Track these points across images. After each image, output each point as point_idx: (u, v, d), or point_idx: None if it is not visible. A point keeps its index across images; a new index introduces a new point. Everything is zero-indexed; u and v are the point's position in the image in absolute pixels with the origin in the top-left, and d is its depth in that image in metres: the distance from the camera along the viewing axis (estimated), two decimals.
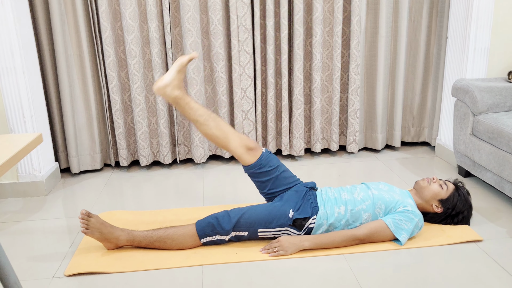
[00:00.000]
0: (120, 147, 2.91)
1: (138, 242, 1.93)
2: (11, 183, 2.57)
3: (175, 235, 1.92)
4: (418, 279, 1.71)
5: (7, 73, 2.41)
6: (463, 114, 2.56)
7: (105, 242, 1.93)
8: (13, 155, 1.05)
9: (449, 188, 2.07)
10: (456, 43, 2.77)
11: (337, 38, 2.88)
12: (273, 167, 2.04)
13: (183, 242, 1.93)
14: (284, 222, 1.93)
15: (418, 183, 2.13)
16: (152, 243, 1.93)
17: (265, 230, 1.94)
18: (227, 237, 1.94)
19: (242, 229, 1.93)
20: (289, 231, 1.95)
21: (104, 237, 1.91)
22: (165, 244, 1.92)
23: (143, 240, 1.92)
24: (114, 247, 1.95)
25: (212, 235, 1.93)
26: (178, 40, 2.84)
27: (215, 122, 2.00)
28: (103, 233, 1.90)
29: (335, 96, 3.00)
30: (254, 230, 1.94)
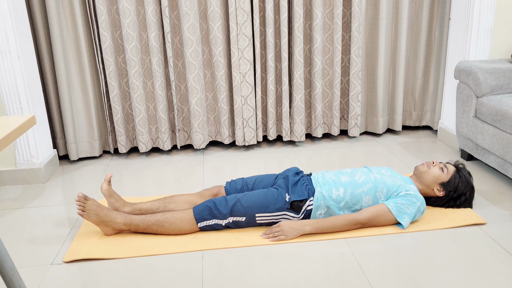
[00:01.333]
0: (118, 134, 2.88)
1: (136, 225, 1.91)
2: (9, 170, 2.55)
3: (172, 218, 1.90)
4: (421, 263, 1.69)
5: (2, 57, 2.37)
6: (466, 97, 2.52)
7: (102, 226, 1.91)
8: (5, 135, 1.02)
9: (449, 171, 2.05)
10: (459, 24, 2.72)
11: (337, 20, 2.84)
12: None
13: (181, 226, 1.91)
14: (281, 206, 1.91)
15: (418, 168, 2.10)
16: (149, 227, 1.91)
17: (263, 215, 1.92)
18: (224, 222, 1.92)
19: (240, 214, 1.91)
20: (287, 215, 1.92)
21: (101, 220, 1.89)
22: (162, 228, 1.90)
23: (140, 223, 1.90)
24: (112, 232, 1.93)
25: (209, 219, 1.91)
26: (177, 24, 2.79)
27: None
28: (99, 216, 1.88)
29: (336, 80, 2.95)
30: (251, 215, 1.92)
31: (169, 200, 2.06)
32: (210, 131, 3.04)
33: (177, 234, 1.92)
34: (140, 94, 2.81)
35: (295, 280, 1.61)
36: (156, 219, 1.91)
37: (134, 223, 1.91)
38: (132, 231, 1.94)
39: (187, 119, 2.99)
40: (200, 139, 2.94)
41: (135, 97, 2.80)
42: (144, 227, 1.91)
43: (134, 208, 2.02)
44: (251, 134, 2.96)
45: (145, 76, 2.85)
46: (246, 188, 2.08)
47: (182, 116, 2.98)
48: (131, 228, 1.92)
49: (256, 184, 2.09)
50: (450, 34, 2.83)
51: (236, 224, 1.94)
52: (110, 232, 1.93)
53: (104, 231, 1.93)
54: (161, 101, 2.83)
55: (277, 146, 3.07)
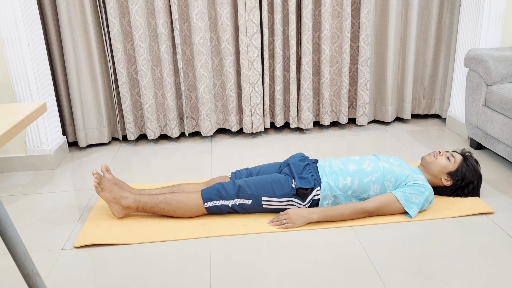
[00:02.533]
0: (127, 121, 2.89)
1: (144, 202, 1.94)
2: (19, 156, 2.58)
3: (180, 196, 1.94)
4: (428, 252, 1.70)
5: (12, 44, 2.38)
6: (475, 85, 2.50)
7: (113, 204, 1.95)
8: (17, 122, 1.03)
9: (456, 160, 2.04)
10: (470, 11, 2.68)
11: (346, 7, 2.81)
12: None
13: (188, 205, 1.93)
14: (287, 191, 1.92)
15: (425, 158, 2.10)
16: (157, 205, 1.93)
17: (269, 199, 1.93)
18: (231, 203, 1.93)
19: (246, 196, 1.92)
20: (293, 202, 1.93)
21: (113, 197, 1.94)
22: (170, 206, 1.93)
23: (148, 200, 1.94)
24: (121, 212, 1.96)
25: (216, 200, 1.93)
26: (185, 11, 2.79)
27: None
28: (112, 193, 1.94)
29: (345, 68, 2.94)
30: (258, 198, 1.92)
31: (177, 188, 2.08)
32: (218, 118, 3.04)
33: (183, 215, 1.94)
34: (148, 81, 2.81)
35: (302, 268, 1.63)
36: (164, 197, 1.94)
37: (143, 200, 1.94)
38: (140, 210, 1.96)
39: (195, 106, 2.99)
40: (208, 127, 2.94)
41: (143, 84, 2.81)
42: (152, 204, 1.94)
43: (141, 194, 2.04)
44: (259, 121, 2.96)
45: (154, 63, 2.85)
46: (250, 177, 2.09)
47: (190, 104, 2.99)
48: (139, 206, 1.94)
49: (261, 173, 2.10)
50: (460, 21, 2.79)
51: (242, 207, 1.95)
52: (119, 211, 1.96)
53: (113, 210, 1.95)
54: (169, 88, 2.83)
55: (284, 133, 3.07)
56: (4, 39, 2.37)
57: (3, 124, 1.02)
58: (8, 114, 1.10)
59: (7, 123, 1.02)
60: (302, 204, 1.94)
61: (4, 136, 0.97)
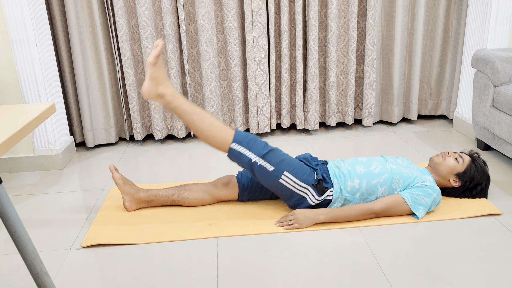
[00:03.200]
0: (134, 121, 2.91)
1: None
2: (27, 156, 2.60)
3: (212, 124, 1.86)
4: (435, 253, 1.70)
5: (20, 45, 2.40)
6: (483, 86, 2.49)
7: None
8: (26, 123, 1.04)
9: (465, 161, 2.03)
10: (477, 11, 2.67)
11: (353, 8, 2.81)
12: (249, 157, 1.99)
13: (216, 134, 1.85)
14: (309, 179, 1.91)
15: (433, 159, 2.09)
16: (188, 113, 1.86)
17: (290, 176, 1.89)
18: (254, 159, 1.86)
19: (272, 162, 1.88)
20: (309, 192, 1.91)
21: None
22: (201, 123, 1.85)
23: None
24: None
25: (244, 146, 1.87)
26: (191, 12, 2.80)
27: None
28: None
29: (351, 68, 2.94)
30: (281, 170, 1.88)
31: (184, 188, 2.08)
32: (224, 119, 3.05)
33: (209, 142, 1.87)
34: None
35: (308, 268, 1.63)
36: (197, 113, 1.85)
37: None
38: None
39: (201, 106, 3.00)
40: None
41: None
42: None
43: (149, 194, 2.06)
44: (265, 122, 2.96)
45: None
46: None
47: (197, 104, 3.00)
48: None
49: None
50: (467, 22, 2.78)
51: (260, 170, 1.88)
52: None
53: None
54: (176, 89, 2.84)
55: (290, 134, 3.07)
56: (12, 40, 2.39)
57: (12, 125, 1.03)
58: (17, 115, 1.11)
59: (17, 124, 1.03)
60: (315, 198, 1.92)
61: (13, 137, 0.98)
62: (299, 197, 1.93)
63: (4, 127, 1.01)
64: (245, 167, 1.92)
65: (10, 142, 0.97)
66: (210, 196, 2.08)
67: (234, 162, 1.93)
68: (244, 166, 1.91)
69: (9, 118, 1.09)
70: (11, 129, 1.00)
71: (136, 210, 2.07)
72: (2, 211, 1.11)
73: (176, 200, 2.07)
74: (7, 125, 1.03)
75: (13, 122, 1.05)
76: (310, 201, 1.93)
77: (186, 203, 2.07)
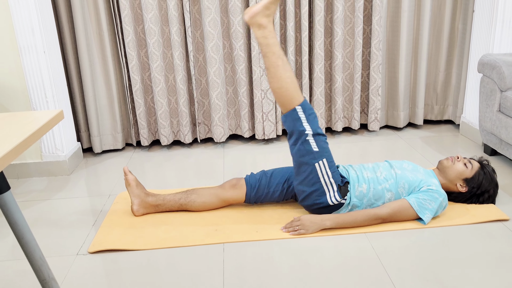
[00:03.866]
0: (141, 127, 2.92)
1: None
2: (35, 162, 2.62)
3: (291, 78, 1.88)
4: (442, 259, 1.69)
5: (28, 51, 2.43)
6: (489, 91, 2.49)
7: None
8: (35, 130, 1.05)
9: (474, 167, 2.02)
10: (483, 16, 2.67)
11: (358, 14, 2.81)
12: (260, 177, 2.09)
13: (289, 90, 1.88)
14: (337, 178, 1.92)
15: (442, 162, 2.08)
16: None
17: (325, 165, 1.90)
18: (308, 131, 1.88)
19: (318, 144, 1.90)
20: (332, 189, 1.91)
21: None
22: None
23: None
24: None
25: (305, 114, 1.89)
26: (198, 19, 2.81)
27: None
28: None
29: (357, 74, 2.94)
30: (322, 155, 1.90)
31: (191, 192, 2.09)
32: (230, 124, 3.06)
33: (279, 92, 1.88)
34: (162, 88, 2.84)
35: (315, 274, 1.63)
36: (284, 60, 1.87)
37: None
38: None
39: (207, 112, 3.01)
40: (221, 133, 2.96)
41: (157, 90, 2.84)
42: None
43: (157, 198, 2.07)
44: (271, 127, 2.97)
45: (167, 70, 2.88)
46: (264, 176, 2.08)
47: (203, 110, 3.01)
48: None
49: (274, 174, 2.09)
50: (473, 27, 2.78)
51: (303, 145, 1.88)
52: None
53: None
54: (182, 95, 2.86)
55: None
56: (21, 47, 2.41)
57: (21, 132, 1.04)
58: (26, 122, 1.12)
59: (25, 131, 1.04)
60: (335, 198, 1.91)
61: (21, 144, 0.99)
62: (320, 190, 1.92)
63: (12, 134, 1.03)
64: (291, 134, 1.92)
65: (19, 149, 0.98)
66: (217, 198, 2.08)
67: (286, 124, 1.92)
68: (292, 133, 1.91)
69: (18, 125, 1.10)
70: (19, 136, 1.01)
71: (142, 215, 2.08)
72: (10, 217, 1.13)
73: (183, 204, 2.07)
74: (15, 132, 1.04)
75: (21, 129, 1.06)
76: (329, 199, 1.92)
77: (193, 206, 2.07)
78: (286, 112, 1.91)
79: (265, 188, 2.06)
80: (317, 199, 1.93)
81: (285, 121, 1.93)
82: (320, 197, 1.92)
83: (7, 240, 1.96)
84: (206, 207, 2.08)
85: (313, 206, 1.95)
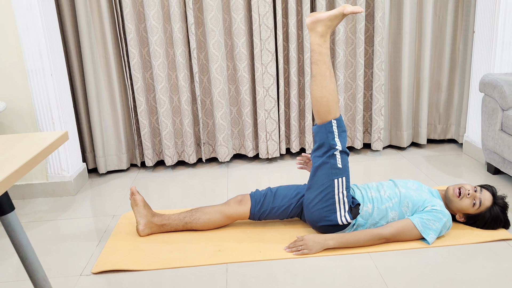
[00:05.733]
0: (145, 148, 2.95)
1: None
2: (41, 183, 2.64)
3: (335, 91, 1.92)
4: (446, 279, 1.68)
5: (36, 75, 2.47)
6: (491, 110, 2.50)
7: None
8: (40, 151, 1.07)
9: (481, 207, 1.95)
10: (484, 37, 2.70)
11: (360, 35, 2.85)
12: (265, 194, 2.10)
13: (330, 101, 1.91)
14: (350, 199, 1.93)
15: (449, 191, 2.00)
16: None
17: (344, 184, 1.91)
18: (338, 146, 1.90)
19: (343, 161, 1.92)
20: (343, 209, 1.91)
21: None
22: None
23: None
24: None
25: (338, 130, 1.92)
26: (202, 41, 2.86)
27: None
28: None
29: (359, 94, 2.96)
30: (343, 173, 1.91)
31: (196, 210, 2.10)
32: (234, 144, 3.08)
33: (320, 101, 1.91)
34: (166, 109, 2.88)
35: None
36: (331, 72, 1.92)
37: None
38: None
39: (212, 132, 3.04)
40: (225, 152, 2.98)
41: (161, 111, 2.87)
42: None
43: (162, 218, 2.07)
44: (274, 147, 2.99)
45: (172, 91, 2.92)
46: (270, 192, 2.08)
47: (207, 130, 3.04)
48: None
49: (278, 191, 2.09)
50: (474, 47, 2.81)
51: (329, 159, 1.90)
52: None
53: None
54: (187, 116, 2.89)
55: None
56: (29, 70, 2.46)
57: (26, 152, 1.06)
58: (31, 143, 1.15)
59: (31, 151, 1.07)
60: (345, 218, 1.91)
61: (26, 164, 1.01)
62: (332, 207, 1.92)
63: (17, 155, 1.05)
64: (321, 146, 1.93)
65: (24, 169, 1.00)
66: (221, 215, 2.08)
67: (317, 135, 1.93)
68: (322, 145, 1.92)
69: (23, 146, 1.13)
70: (24, 157, 1.03)
71: (147, 235, 2.09)
72: (14, 237, 1.14)
73: (188, 222, 2.08)
74: (20, 153, 1.06)
75: (27, 150, 1.08)
76: (338, 218, 1.92)
77: (198, 224, 2.07)
78: (321, 123, 1.92)
79: (270, 203, 2.06)
80: (327, 215, 1.92)
81: (317, 132, 1.94)
82: (331, 214, 1.92)
83: (11, 261, 1.97)
84: (211, 224, 2.08)
85: (320, 222, 1.94)
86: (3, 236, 2.19)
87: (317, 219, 1.94)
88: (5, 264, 1.94)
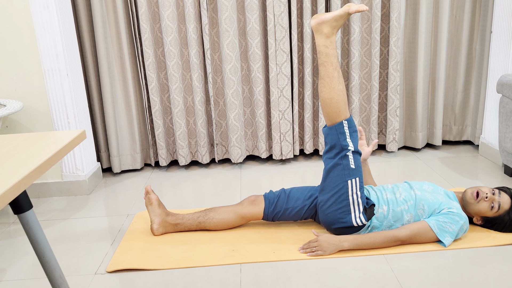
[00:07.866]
0: (159, 147, 2.96)
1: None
2: (56, 182, 2.66)
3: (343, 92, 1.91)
4: (462, 282, 1.65)
5: (52, 74, 2.50)
6: (509, 111, 2.46)
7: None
8: (57, 150, 1.08)
9: (500, 211, 1.91)
10: (501, 37, 2.66)
11: (375, 35, 2.83)
12: (278, 195, 2.09)
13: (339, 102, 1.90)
14: (364, 200, 1.92)
15: (466, 194, 1.96)
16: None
17: (358, 185, 1.90)
18: (350, 147, 1.89)
19: (355, 162, 1.90)
20: (357, 210, 1.90)
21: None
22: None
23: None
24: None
25: (349, 130, 1.91)
26: (216, 41, 2.87)
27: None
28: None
29: (374, 94, 2.94)
30: (356, 174, 1.90)
31: (210, 210, 2.10)
32: (248, 145, 3.07)
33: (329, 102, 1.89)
34: (180, 109, 2.88)
35: None
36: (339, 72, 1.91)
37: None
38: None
39: (225, 133, 3.04)
40: (238, 153, 2.98)
41: (175, 112, 2.88)
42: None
43: (176, 217, 2.08)
44: (288, 148, 2.98)
45: (186, 92, 2.92)
46: (283, 193, 2.08)
47: (221, 131, 3.04)
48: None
49: (294, 190, 2.08)
50: (491, 47, 2.77)
51: (341, 161, 1.89)
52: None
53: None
54: (200, 116, 2.89)
55: (313, 160, 3.07)
56: (45, 70, 2.49)
57: (44, 152, 1.07)
58: (49, 142, 1.15)
59: (48, 151, 1.07)
60: (360, 220, 1.90)
61: (45, 163, 1.02)
62: (347, 208, 1.90)
63: (35, 154, 1.06)
64: (333, 147, 1.91)
65: (42, 168, 1.01)
66: (235, 215, 2.07)
67: (328, 137, 1.92)
68: (334, 146, 1.91)
69: (41, 145, 1.13)
70: (42, 156, 1.04)
71: (161, 234, 2.09)
72: (32, 235, 1.15)
73: (201, 222, 2.08)
74: (38, 152, 1.07)
75: (44, 149, 1.09)
76: (353, 219, 1.90)
77: (211, 224, 2.08)
78: (332, 125, 1.91)
79: (284, 204, 2.05)
80: (342, 217, 1.91)
81: (328, 134, 1.92)
82: (345, 216, 1.90)
83: (27, 259, 1.98)
84: (224, 224, 2.08)
85: (334, 224, 1.93)
86: (18, 234, 2.21)
87: (332, 221, 1.93)
88: (20, 261, 1.96)
